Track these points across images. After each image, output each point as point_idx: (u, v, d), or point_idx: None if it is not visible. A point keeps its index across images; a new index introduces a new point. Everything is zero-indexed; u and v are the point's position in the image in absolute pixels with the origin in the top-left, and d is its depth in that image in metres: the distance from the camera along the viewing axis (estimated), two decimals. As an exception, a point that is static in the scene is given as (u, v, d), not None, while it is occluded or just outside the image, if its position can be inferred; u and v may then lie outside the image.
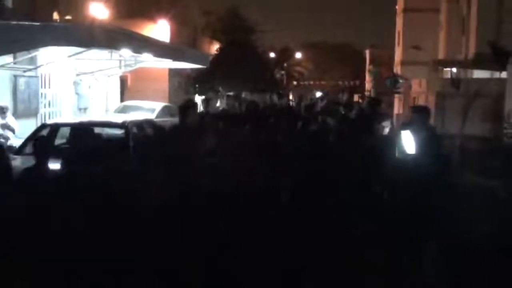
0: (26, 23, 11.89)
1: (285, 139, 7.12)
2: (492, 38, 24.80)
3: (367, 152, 6.75)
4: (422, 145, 6.52)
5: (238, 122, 7.88)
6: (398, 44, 44.23)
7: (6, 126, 12.23)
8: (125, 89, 24.80)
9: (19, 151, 8.96)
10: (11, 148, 9.46)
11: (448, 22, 33.23)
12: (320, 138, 7.33)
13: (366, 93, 48.19)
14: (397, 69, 42.04)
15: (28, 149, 8.65)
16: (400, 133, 7.10)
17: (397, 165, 6.63)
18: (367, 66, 60.30)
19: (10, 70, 14.55)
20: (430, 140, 6.64)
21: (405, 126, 7.28)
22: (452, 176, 6.22)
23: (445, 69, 29.46)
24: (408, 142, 6.70)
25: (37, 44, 12.86)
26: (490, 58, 21.86)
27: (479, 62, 25.80)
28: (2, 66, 13.67)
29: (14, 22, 11.57)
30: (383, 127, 7.93)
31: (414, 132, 6.71)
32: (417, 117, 6.97)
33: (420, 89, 29.96)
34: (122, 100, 22.59)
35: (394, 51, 46.29)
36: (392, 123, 9.01)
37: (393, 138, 7.33)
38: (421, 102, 29.31)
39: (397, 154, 6.95)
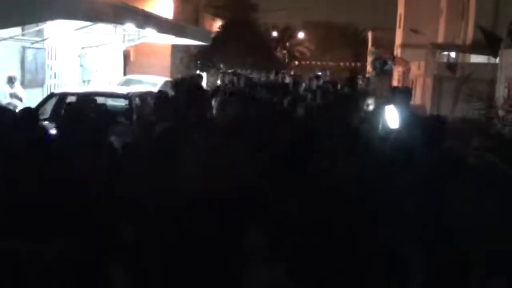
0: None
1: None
2: (490, 24, 25.23)
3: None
4: (404, 123, 6.91)
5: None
6: (399, 26, 44.54)
7: (14, 95, 12.78)
8: (128, 64, 25.25)
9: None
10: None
11: (448, 7, 33.63)
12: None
13: (367, 75, 48.53)
14: (397, 52, 42.37)
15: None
16: (383, 109, 7.60)
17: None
18: (369, 48, 60.51)
19: (19, 41, 15.06)
20: (411, 119, 7.06)
21: (388, 103, 7.77)
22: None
23: (443, 53, 29.93)
24: (392, 118, 7.17)
25: (45, 17, 13.34)
26: (490, 44, 22.37)
27: (476, 47, 26.26)
28: (11, 37, 14.18)
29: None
30: (368, 104, 8.46)
31: (397, 109, 7.20)
32: (399, 97, 7.49)
33: (418, 72, 30.44)
34: (124, 74, 23.11)
35: (395, 33, 46.60)
36: (376, 101, 9.51)
37: (377, 113, 7.76)
38: (419, 84, 29.84)
39: (380, 129, 7.42)
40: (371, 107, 8.58)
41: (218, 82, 18.77)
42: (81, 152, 4.63)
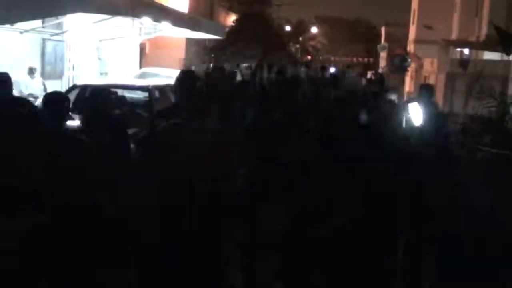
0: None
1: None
2: (503, 21, 25.24)
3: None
4: (428, 119, 6.89)
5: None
6: (413, 22, 44.50)
7: (31, 95, 13.05)
8: (143, 56, 25.56)
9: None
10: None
11: (462, 4, 33.58)
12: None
13: (380, 70, 48.54)
14: (410, 48, 42.35)
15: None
16: (407, 106, 7.72)
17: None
18: (382, 43, 60.45)
19: (39, 34, 15.40)
20: (435, 116, 7.12)
21: (412, 100, 7.90)
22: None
23: (456, 49, 29.95)
24: (415, 114, 7.28)
25: (65, 10, 13.70)
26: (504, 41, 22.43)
27: (489, 44, 26.27)
28: (32, 29, 14.52)
29: (45, -11, 12.39)
30: (390, 100, 8.62)
31: (421, 106, 7.30)
32: (424, 93, 7.61)
33: (431, 68, 30.49)
34: (140, 67, 23.42)
35: (408, 29, 46.57)
36: (398, 97, 9.65)
37: (400, 109, 7.86)
38: (431, 81, 29.90)
39: (404, 126, 7.52)
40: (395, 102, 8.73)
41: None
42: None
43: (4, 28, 13.68)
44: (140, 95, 11.08)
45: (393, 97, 9.32)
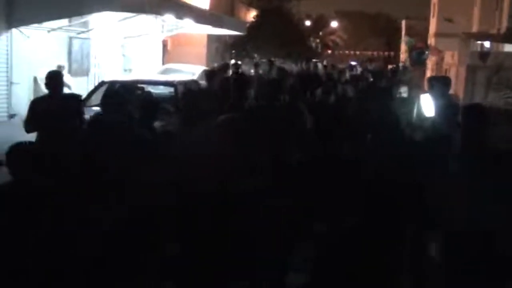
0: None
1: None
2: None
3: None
4: (440, 111, 6.95)
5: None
6: (433, 15, 44.34)
7: (64, 85, 13.46)
8: (165, 53, 25.93)
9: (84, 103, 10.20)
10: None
11: (483, -4, 33.45)
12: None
13: (400, 64, 48.47)
14: (431, 41, 42.23)
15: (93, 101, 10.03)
16: (419, 97, 7.86)
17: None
18: (403, 37, 60.25)
19: (66, 32, 15.83)
20: (448, 108, 7.24)
21: (425, 92, 7.99)
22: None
23: (477, 42, 29.90)
24: (427, 106, 7.40)
25: (92, 9, 14.14)
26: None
27: (510, 37, 26.23)
28: (60, 28, 14.96)
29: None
30: (401, 93, 8.81)
31: (433, 98, 7.42)
32: (436, 85, 7.73)
33: (452, 61, 30.49)
34: (163, 63, 23.80)
35: (429, 22, 46.41)
36: (410, 89, 9.79)
37: (410, 100, 7.99)
38: (452, 73, 29.89)
39: (415, 117, 7.66)
40: (404, 95, 8.88)
41: (252, 71, 19.28)
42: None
43: (33, 28, 14.14)
44: (166, 90, 11.41)
45: (403, 90, 9.44)
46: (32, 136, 6.39)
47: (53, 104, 6.54)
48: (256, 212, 4.12)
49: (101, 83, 11.26)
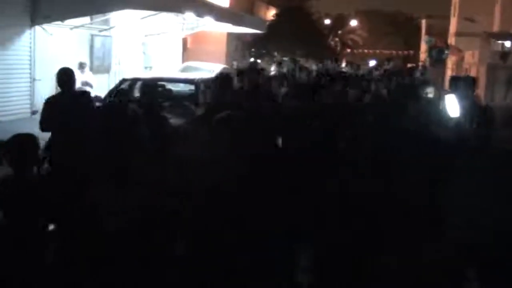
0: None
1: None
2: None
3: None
4: (464, 111, 6.96)
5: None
6: (454, 15, 44.10)
7: (85, 83, 13.62)
8: (185, 51, 26.09)
9: (105, 100, 10.32)
10: (97, 97, 10.77)
11: (504, -5, 33.21)
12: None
13: (420, 63, 48.17)
14: (451, 40, 42.01)
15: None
16: (444, 98, 7.80)
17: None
18: (423, 36, 59.89)
19: (88, 29, 16.02)
20: (471, 108, 7.19)
21: (449, 92, 7.94)
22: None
23: (498, 41, 29.72)
24: (452, 106, 7.36)
25: (115, 7, 14.33)
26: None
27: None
28: (82, 25, 15.15)
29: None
30: (427, 93, 8.75)
31: (458, 99, 7.38)
32: (461, 85, 7.69)
33: (472, 60, 30.34)
34: (182, 61, 23.94)
35: (449, 21, 46.15)
36: (437, 89, 9.69)
37: (437, 101, 7.91)
38: (472, 73, 29.74)
39: (440, 117, 7.57)
40: (430, 95, 8.80)
41: (272, 69, 19.33)
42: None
43: (55, 25, 14.33)
44: (186, 88, 11.52)
45: (429, 90, 9.35)
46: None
47: (65, 102, 6.54)
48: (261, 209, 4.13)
49: (122, 81, 11.39)
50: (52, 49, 14.28)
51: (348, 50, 64.72)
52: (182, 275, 4.10)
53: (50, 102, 6.73)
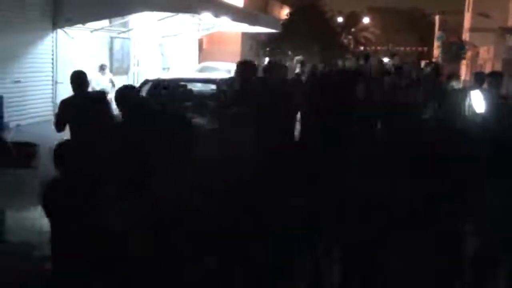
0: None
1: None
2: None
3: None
4: (490, 107, 6.86)
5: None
6: (468, 10, 43.98)
7: (110, 81, 13.87)
8: (201, 51, 26.28)
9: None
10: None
11: (518, -10, 33.12)
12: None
13: (434, 59, 48.06)
14: (466, 36, 41.91)
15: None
16: (469, 93, 7.83)
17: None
18: (436, 32, 59.68)
19: (108, 32, 16.26)
20: (497, 104, 7.19)
21: (474, 87, 7.95)
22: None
23: (512, 36, 29.64)
24: (478, 102, 7.40)
25: (133, 10, 14.55)
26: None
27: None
28: (102, 28, 15.38)
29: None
30: (452, 86, 8.80)
31: (484, 95, 7.40)
32: (488, 82, 7.71)
33: (487, 56, 30.32)
34: (199, 61, 24.15)
35: (463, 17, 46.02)
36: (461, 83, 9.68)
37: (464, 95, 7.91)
38: (487, 68, 29.72)
39: (466, 113, 7.35)
40: (456, 87, 8.82)
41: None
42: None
43: (76, 28, 14.57)
44: (206, 87, 11.70)
45: (455, 83, 9.30)
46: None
47: (80, 103, 6.61)
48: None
49: (145, 82, 11.57)
50: (73, 52, 14.52)
51: (361, 48, 64.65)
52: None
53: (65, 103, 6.81)
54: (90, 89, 12.19)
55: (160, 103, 6.43)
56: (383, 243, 4.21)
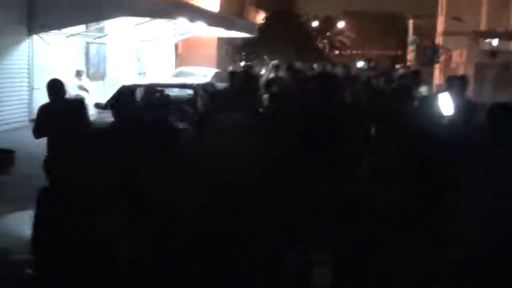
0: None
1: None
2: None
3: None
4: (458, 110, 7.01)
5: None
6: (441, 14, 44.48)
7: (82, 88, 13.79)
8: (177, 56, 26.28)
9: (105, 107, 10.52)
10: (99, 104, 10.95)
11: (490, -6, 33.63)
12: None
13: (408, 63, 48.51)
14: (439, 40, 42.37)
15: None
16: (437, 96, 8.03)
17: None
18: (410, 36, 60.30)
19: (83, 37, 16.25)
20: (465, 107, 7.32)
21: (442, 91, 8.16)
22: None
23: (485, 40, 30.09)
24: (446, 105, 7.59)
25: (109, 15, 14.56)
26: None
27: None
28: (78, 33, 15.36)
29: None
30: (421, 92, 9.01)
31: (452, 97, 7.60)
32: (455, 84, 7.91)
33: (460, 60, 30.69)
34: (175, 66, 24.15)
35: (437, 21, 46.54)
36: (429, 89, 9.91)
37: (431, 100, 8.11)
38: (460, 72, 30.05)
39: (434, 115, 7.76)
40: (424, 94, 9.02)
41: (262, 72, 19.48)
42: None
43: (52, 34, 14.54)
44: (183, 93, 11.76)
45: (423, 89, 9.53)
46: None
47: (57, 110, 6.68)
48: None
49: (123, 88, 11.60)
50: (49, 57, 14.49)
51: (337, 52, 65.00)
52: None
53: (44, 109, 6.85)
54: (67, 95, 12.28)
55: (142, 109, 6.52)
56: (372, 246, 4.27)
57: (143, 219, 4.08)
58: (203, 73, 20.23)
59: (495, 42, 28.59)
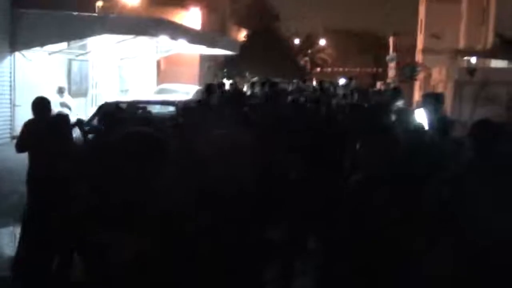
0: (84, 14, 13.64)
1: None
2: (510, 29, 25.78)
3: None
4: (433, 126, 7.52)
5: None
6: (420, 32, 44.98)
7: (64, 105, 13.80)
8: (159, 73, 26.34)
9: (88, 123, 10.54)
10: (82, 121, 10.96)
11: (468, 13, 34.07)
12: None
13: (388, 80, 48.89)
14: (418, 57, 42.81)
15: (95, 122, 10.31)
16: (413, 112, 8.19)
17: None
18: (390, 53, 60.83)
19: (66, 54, 16.27)
20: (440, 123, 7.55)
21: (418, 107, 8.33)
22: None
23: (464, 58, 30.49)
24: (421, 120, 7.74)
25: (92, 32, 14.63)
26: (507, 49, 23.04)
27: (496, 52, 26.80)
28: (60, 51, 15.39)
29: (75, 13, 13.30)
30: (397, 106, 9.18)
31: (427, 113, 7.77)
32: (431, 101, 8.07)
33: (439, 77, 31.02)
34: (157, 83, 24.20)
35: (416, 39, 47.05)
36: (405, 104, 10.09)
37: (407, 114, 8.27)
38: (440, 89, 30.37)
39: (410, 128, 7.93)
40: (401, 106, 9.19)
41: (244, 89, 19.62)
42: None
43: (34, 51, 14.55)
44: (165, 110, 11.81)
45: (400, 103, 9.69)
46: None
47: (42, 127, 6.70)
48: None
49: (104, 105, 11.63)
50: (32, 74, 14.50)
51: (318, 69, 65.49)
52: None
53: (28, 125, 6.88)
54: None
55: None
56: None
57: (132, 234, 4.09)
58: (185, 90, 20.29)
59: (473, 60, 28.97)
